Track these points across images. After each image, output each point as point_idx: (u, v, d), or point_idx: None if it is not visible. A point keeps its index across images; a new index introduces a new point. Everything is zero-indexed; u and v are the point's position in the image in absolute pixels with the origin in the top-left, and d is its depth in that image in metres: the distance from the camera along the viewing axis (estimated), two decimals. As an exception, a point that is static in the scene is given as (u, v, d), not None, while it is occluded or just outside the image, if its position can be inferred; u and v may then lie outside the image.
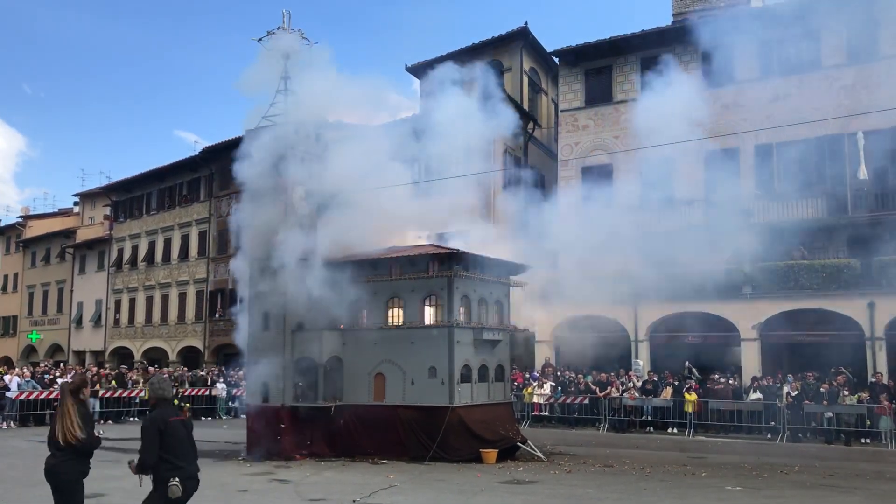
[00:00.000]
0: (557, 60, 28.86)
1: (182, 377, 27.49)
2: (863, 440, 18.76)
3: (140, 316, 41.91)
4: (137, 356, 40.04)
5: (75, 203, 53.34)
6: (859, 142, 21.93)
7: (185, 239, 40.07)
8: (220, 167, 37.04)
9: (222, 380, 27.78)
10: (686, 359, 23.04)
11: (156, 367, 30.90)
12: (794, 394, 19.57)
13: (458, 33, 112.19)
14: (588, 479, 12.65)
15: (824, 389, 19.22)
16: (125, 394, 24.58)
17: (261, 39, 16.28)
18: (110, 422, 23.36)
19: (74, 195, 52.68)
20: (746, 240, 19.77)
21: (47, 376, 24.07)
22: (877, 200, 22.37)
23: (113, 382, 25.04)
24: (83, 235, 48.03)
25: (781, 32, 22.78)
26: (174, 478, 5.73)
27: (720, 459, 15.48)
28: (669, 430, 21.16)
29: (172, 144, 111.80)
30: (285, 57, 16.43)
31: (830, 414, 19.08)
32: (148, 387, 6.32)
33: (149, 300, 41.65)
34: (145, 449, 5.80)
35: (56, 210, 54.54)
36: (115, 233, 44.58)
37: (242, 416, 21.51)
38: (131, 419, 24.05)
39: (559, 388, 23.32)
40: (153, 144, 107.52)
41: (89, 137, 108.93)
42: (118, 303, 43.47)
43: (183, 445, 5.88)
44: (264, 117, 16.48)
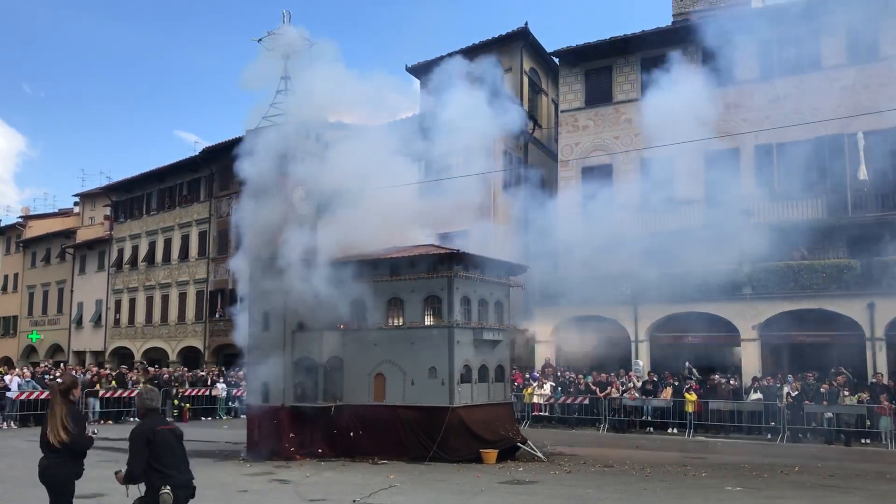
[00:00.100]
0: (557, 61, 28.85)
1: (182, 377, 27.51)
2: (863, 440, 18.75)
3: (140, 316, 41.92)
4: (138, 356, 40.02)
5: (75, 203, 53.36)
6: (859, 142, 21.92)
7: (186, 239, 40.07)
8: (221, 167, 37.08)
9: (222, 380, 27.80)
10: (686, 359, 23.05)
11: (156, 368, 30.88)
12: (795, 394, 19.56)
13: (458, 33, 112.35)
14: (588, 480, 12.65)
15: (824, 390, 19.21)
16: (125, 394, 24.58)
17: (261, 40, 16.30)
18: (110, 422, 23.39)
19: (74, 195, 52.78)
20: (747, 240, 19.78)
21: (47, 376, 24.04)
22: (877, 201, 22.37)
23: (113, 383, 25.06)
24: (83, 235, 48.04)
25: (782, 33, 22.78)
26: (165, 486, 5.73)
27: (720, 460, 15.48)
28: (669, 431, 21.15)
29: (172, 144, 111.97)
30: (286, 57, 16.43)
31: (830, 414, 19.07)
32: (136, 398, 6.30)
33: (149, 300, 41.66)
34: (132, 460, 5.80)
35: (56, 210, 54.56)
36: (116, 233, 44.59)
37: (242, 417, 21.51)
38: (131, 419, 23.99)
39: (559, 389, 23.32)
40: (153, 144, 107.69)
41: (89, 137, 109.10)
42: (118, 303, 43.48)
43: (172, 454, 5.86)
44: (264, 117, 16.49)
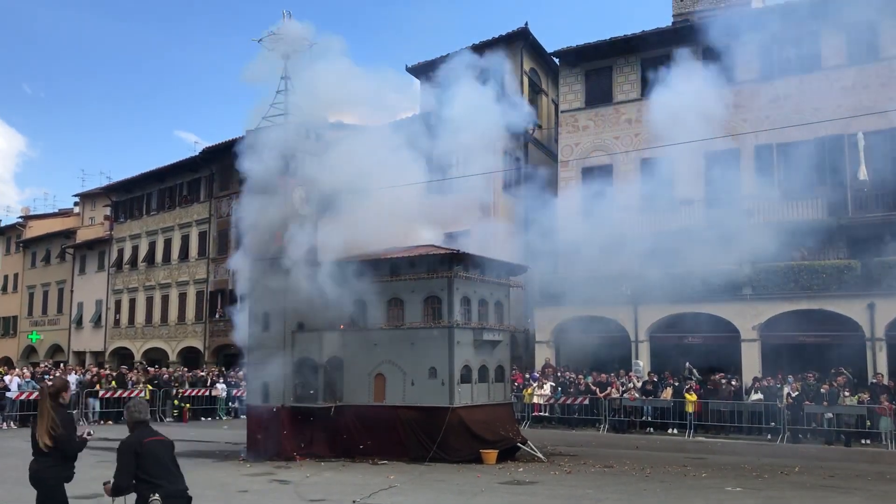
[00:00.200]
0: (558, 61, 28.85)
1: (182, 377, 27.51)
2: (863, 441, 18.74)
3: (140, 316, 41.91)
4: (138, 357, 40.02)
5: (75, 203, 53.36)
6: (860, 142, 21.93)
7: (186, 239, 40.06)
8: (221, 168, 37.10)
9: (222, 380, 27.81)
10: (686, 359, 23.05)
11: (156, 368, 30.89)
12: (795, 394, 19.56)
13: (458, 34, 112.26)
14: (588, 480, 12.65)
15: (824, 390, 19.20)
16: (125, 394, 24.56)
17: (261, 40, 16.30)
18: (110, 422, 23.38)
19: (74, 195, 52.79)
20: (747, 240, 19.78)
21: (47, 377, 24.04)
22: (877, 201, 22.36)
23: (113, 383, 25.06)
24: (83, 236, 48.04)
25: (782, 33, 22.77)
26: (154, 494, 5.73)
27: (720, 460, 15.47)
28: (669, 431, 21.15)
29: (172, 145, 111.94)
30: (286, 57, 16.42)
31: (831, 415, 19.06)
32: (125, 411, 6.26)
33: (149, 300, 41.66)
34: (119, 473, 5.79)
35: (56, 210, 54.57)
36: (116, 233, 44.59)
37: (242, 417, 21.52)
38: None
39: (559, 389, 23.31)
40: (153, 145, 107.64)
41: (89, 137, 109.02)
42: (118, 303, 43.48)
43: (161, 464, 5.83)
44: (265, 118, 16.48)
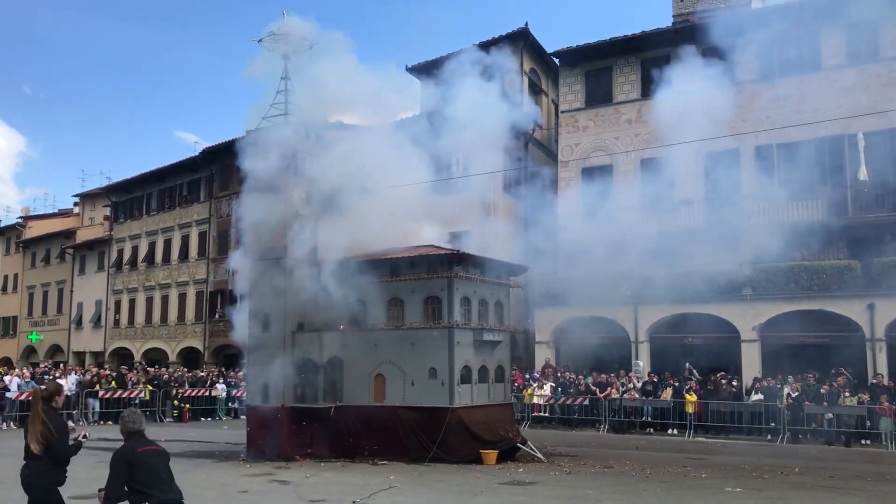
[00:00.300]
0: (558, 61, 28.85)
1: (182, 378, 27.50)
2: (863, 441, 18.74)
3: (140, 316, 41.91)
4: (137, 357, 40.01)
5: (75, 203, 53.38)
6: (860, 143, 21.93)
7: (185, 240, 40.06)
8: (221, 168, 37.10)
9: (222, 380, 27.80)
10: (686, 360, 23.04)
11: (156, 368, 30.88)
12: (795, 395, 19.55)
13: (458, 34, 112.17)
14: (588, 481, 12.64)
15: (825, 391, 19.19)
16: (125, 394, 24.58)
17: (261, 40, 16.30)
18: (110, 422, 23.35)
19: (74, 196, 52.83)
20: (747, 241, 19.77)
21: (47, 377, 24.03)
22: (877, 201, 22.36)
23: (113, 383, 25.06)
24: (83, 236, 48.02)
25: (782, 33, 22.77)
26: (145, 502, 5.74)
27: (720, 460, 15.46)
28: (669, 432, 21.14)
29: (172, 145, 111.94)
30: (286, 57, 16.41)
31: (831, 415, 19.06)
32: (120, 421, 6.25)
33: (149, 301, 41.65)
34: (111, 482, 5.81)
35: (56, 210, 54.56)
36: (115, 233, 44.58)
37: (242, 417, 21.51)
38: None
39: (559, 389, 23.30)
40: (153, 145, 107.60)
41: (89, 137, 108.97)
42: (118, 303, 43.47)
43: (153, 475, 5.84)
44: (265, 118, 16.47)
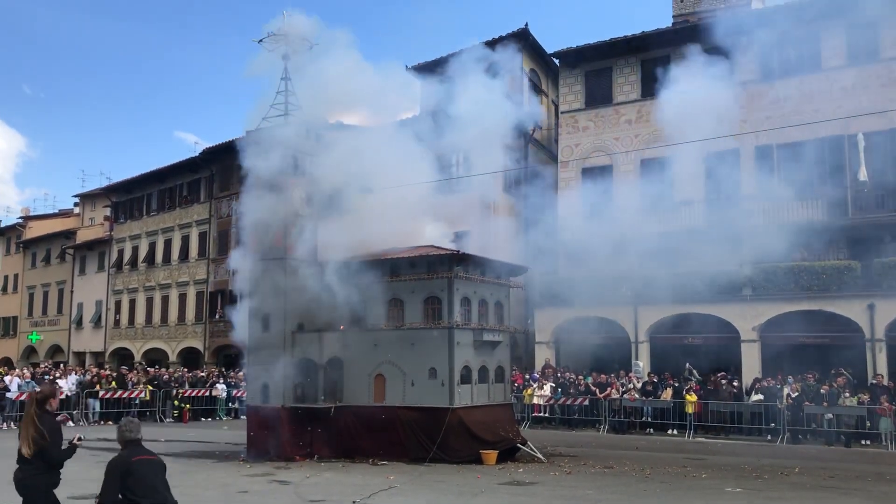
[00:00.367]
0: (558, 62, 28.85)
1: (182, 378, 27.51)
2: (863, 442, 18.74)
3: (140, 317, 41.92)
4: (138, 357, 40.02)
5: (75, 204, 53.39)
6: (860, 143, 21.93)
7: (186, 240, 40.07)
8: (221, 168, 37.11)
9: (222, 381, 27.81)
10: (686, 360, 23.04)
11: (156, 368, 30.89)
12: (795, 395, 19.54)
13: (458, 34, 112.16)
14: (588, 481, 12.65)
15: (824, 391, 19.19)
16: (125, 395, 24.60)
17: (261, 41, 16.30)
18: (110, 423, 23.36)
19: (74, 196, 52.83)
20: (747, 241, 19.77)
21: (47, 377, 24.06)
22: (877, 202, 22.36)
23: (113, 383, 25.07)
24: (83, 236, 48.04)
25: (782, 34, 22.77)
26: None
27: (720, 461, 15.47)
28: (669, 432, 21.14)
29: (172, 145, 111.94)
30: (286, 58, 16.42)
31: (830, 415, 19.05)
32: (116, 430, 6.25)
33: (149, 301, 41.66)
34: (104, 490, 5.83)
35: (56, 211, 54.59)
36: (116, 234, 44.59)
37: (242, 417, 21.52)
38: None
39: (559, 390, 23.30)
40: (153, 145, 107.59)
41: (89, 138, 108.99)
42: (118, 304, 43.48)
43: (147, 484, 5.85)
44: (265, 118, 16.47)
